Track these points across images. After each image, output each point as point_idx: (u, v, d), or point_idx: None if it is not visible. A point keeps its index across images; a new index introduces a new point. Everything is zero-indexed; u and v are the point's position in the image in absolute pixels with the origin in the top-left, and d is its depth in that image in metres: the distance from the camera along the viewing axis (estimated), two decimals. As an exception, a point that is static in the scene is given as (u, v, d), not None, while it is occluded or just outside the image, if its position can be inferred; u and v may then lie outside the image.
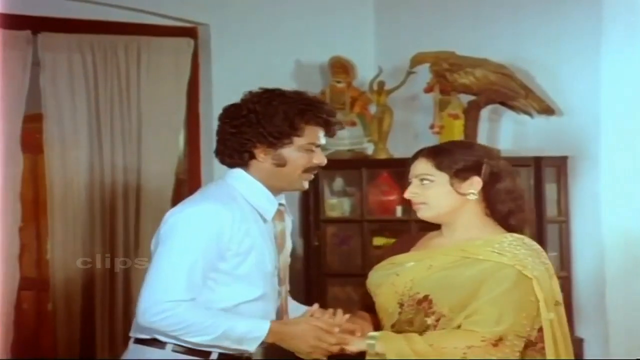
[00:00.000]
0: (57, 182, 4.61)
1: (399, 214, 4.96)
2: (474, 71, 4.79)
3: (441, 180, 2.88)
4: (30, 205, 4.96)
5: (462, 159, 2.88)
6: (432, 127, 4.90)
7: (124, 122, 4.76)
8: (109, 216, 4.73)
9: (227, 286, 2.93)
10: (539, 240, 2.99)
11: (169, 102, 4.87)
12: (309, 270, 5.01)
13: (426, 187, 2.90)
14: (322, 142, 3.00)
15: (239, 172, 3.00)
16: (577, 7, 4.76)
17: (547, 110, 4.82)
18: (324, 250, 5.03)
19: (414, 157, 2.94)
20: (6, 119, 4.40)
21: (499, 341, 2.76)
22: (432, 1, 5.26)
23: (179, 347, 2.91)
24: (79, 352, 4.66)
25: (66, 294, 4.63)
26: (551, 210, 4.76)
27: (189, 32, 4.98)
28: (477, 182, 2.88)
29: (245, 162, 2.98)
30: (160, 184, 4.78)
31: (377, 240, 4.99)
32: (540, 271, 2.82)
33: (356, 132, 5.19)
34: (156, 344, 2.93)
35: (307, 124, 2.95)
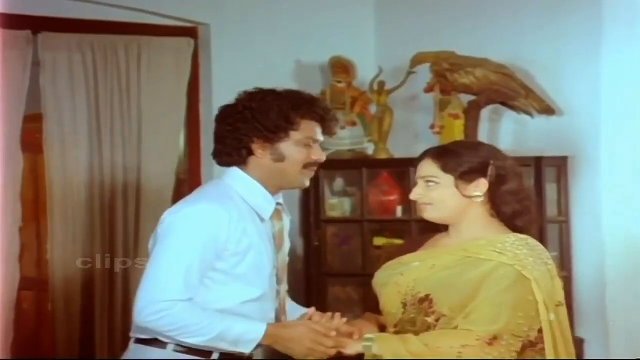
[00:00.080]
0: (57, 182, 4.61)
1: (399, 214, 4.97)
2: (474, 71, 4.79)
3: (446, 182, 2.88)
4: (30, 205, 4.95)
5: (468, 161, 2.87)
6: (432, 127, 4.90)
7: (124, 122, 4.76)
8: (108, 216, 4.72)
9: (225, 286, 2.93)
10: (540, 240, 2.97)
11: (169, 102, 4.87)
12: (310, 270, 5.01)
13: (431, 189, 2.90)
14: (319, 137, 3.01)
15: (236, 172, 3.00)
16: (578, 7, 4.76)
17: (548, 110, 4.82)
18: (325, 250, 5.03)
19: (420, 158, 2.94)
20: (6, 119, 4.40)
21: (494, 340, 2.75)
22: (432, 1, 5.26)
23: (180, 347, 2.91)
24: (79, 352, 4.65)
25: (66, 294, 4.62)
26: (551, 210, 4.75)
27: (190, 32, 4.98)
28: (483, 184, 2.87)
29: (243, 160, 2.98)
30: (160, 184, 4.78)
31: (377, 240, 5.00)
32: (541, 272, 2.81)
33: (356, 132, 5.19)
34: (157, 343, 2.92)
35: (303, 119, 2.96)
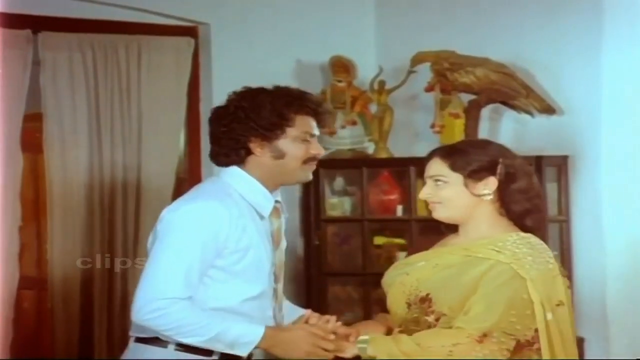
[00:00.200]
0: (57, 182, 4.60)
1: (399, 213, 4.97)
2: (474, 70, 4.79)
3: (455, 181, 2.87)
4: (30, 204, 4.95)
5: (476, 160, 2.86)
6: (432, 126, 4.90)
7: (124, 121, 4.75)
8: (108, 215, 4.72)
9: (225, 284, 2.92)
10: (540, 239, 2.96)
11: (170, 101, 4.87)
12: (310, 269, 5.01)
13: (440, 188, 2.89)
14: (315, 131, 3.01)
15: (234, 169, 2.99)
16: (578, 6, 4.76)
17: (548, 109, 4.82)
18: (325, 249, 5.03)
19: (428, 158, 2.93)
20: (6, 118, 4.39)
21: (483, 337, 2.74)
22: (432, 0, 5.26)
23: (181, 346, 2.90)
24: (78, 351, 4.65)
25: (65, 293, 4.62)
26: (552, 209, 4.75)
27: (190, 31, 4.97)
28: (492, 182, 2.86)
29: (242, 159, 2.98)
30: (160, 183, 4.78)
31: (377, 239, 5.00)
32: (540, 271, 2.79)
33: (357, 132, 5.19)
34: (158, 342, 2.92)
35: (297, 114, 2.96)
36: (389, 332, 2.97)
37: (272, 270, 3.03)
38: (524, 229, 2.89)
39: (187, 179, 4.94)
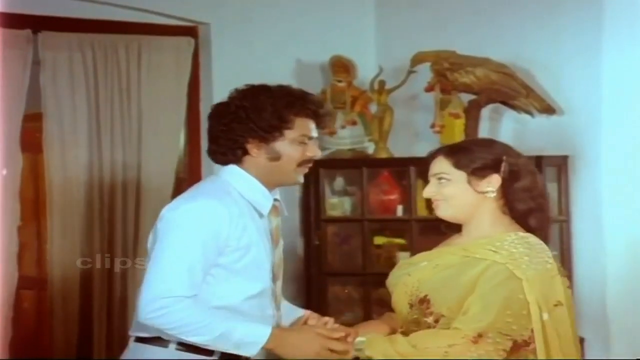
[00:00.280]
0: (57, 181, 4.60)
1: (399, 213, 4.96)
2: (474, 70, 4.79)
3: (458, 178, 2.87)
4: (30, 204, 4.95)
5: (480, 157, 2.86)
6: (432, 126, 4.90)
7: (124, 121, 4.75)
8: (108, 215, 4.72)
9: (226, 282, 2.91)
10: (544, 238, 2.94)
11: (170, 101, 4.86)
12: (310, 269, 5.00)
13: (443, 186, 2.89)
14: (313, 134, 3.01)
15: (233, 168, 2.99)
16: (578, 6, 4.76)
17: (548, 109, 4.82)
18: (325, 249, 5.02)
19: (433, 156, 2.93)
20: (6, 118, 4.39)
21: (479, 338, 2.73)
22: (432, 0, 5.26)
23: (182, 346, 2.89)
24: (77, 351, 4.65)
25: (65, 293, 4.62)
26: (552, 209, 4.74)
27: (190, 31, 4.97)
28: (495, 180, 2.86)
29: (239, 159, 2.98)
30: (160, 182, 4.77)
31: (377, 239, 5.00)
32: (537, 271, 2.78)
33: (357, 132, 5.19)
34: (159, 342, 2.91)
35: (297, 116, 2.95)
36: (394, 332, 2.96)
37: (271, 268, 3.02)
38: (527, 228, 2.88)
39: (187, 179, 4.94)
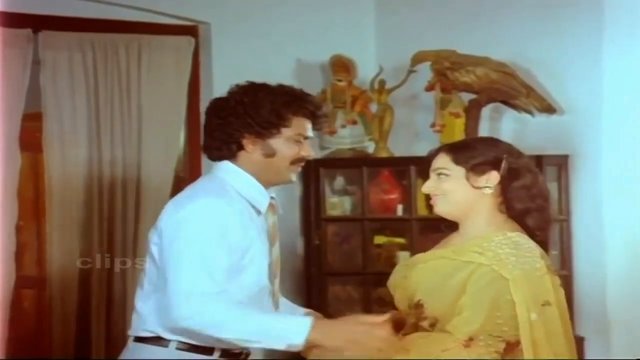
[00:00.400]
0: (57, 181, 4.60)
1: (399, 212, 4.96)
2: (475, 70, 4.79)
3: (457, 174, 2.86)
4: (31, 204, 4.95)
5: (481, 154, 2.85)
6: (433, 125, 4.90)
7: (124, 120, 4.75)
8: (108, 215, 4.71)
9: (229, 280, 2.88)
10: (544, 239, 2.92)
11: (170, 100, 4.86)
12: (310, 269, 5.00)
13: (442, 181, 2.88)
14: (309, 134, 3.00)
15: (228, 165, 2.97)
16: (579, 5, 4.76)
17: (549, 108, 4.82)
18: (325, 249, 5.02)
19: (435, 153, 2.93)
20: (6, 117, 4.39)
21: (470, 341, 2.71)
22: (432, 0, 5.26)
23: (183, 345, 2.88)
24: (75, 352, 4.64)
25: (64, 292, 4.61)
26: (553, 208, 4.74)
27: (190, 30, 4.97)
28: (494, 176, 2.85)
29: (233, 154, 2.96)
30: (160, 182, 4.77)
31: (378, 239, 5.00)
32: (523, 270, 2.75)
33: (357, 131, 5.19)
34: (160, 341, 2.89)
35: (295, 115, 2.94)
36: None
37: (269, 266, 3.01)
38: (525, 227, 2.86)
39: (186, 178, 4.94)
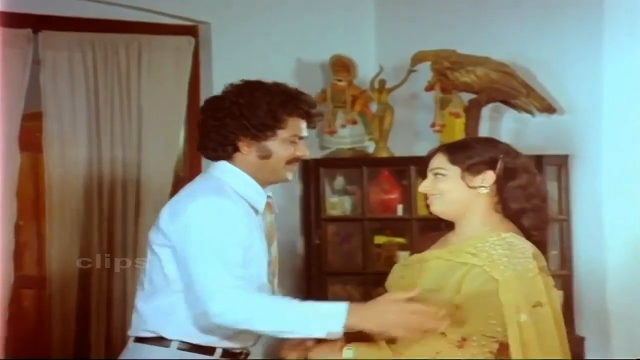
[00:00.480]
0: (57, 180, 4.60)
1: (400, 212, 4.96)
2: (475, 69, 4.79)
3: (453, 173, 2.86)
4: (31, 203, 4.95)
5: (477, 154, 2.86)
6: (433, 125, 4.90)
7: (124, 120, 4.75)
8: (107, 214, 4.71)
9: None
10: (541, 239, 2.92)
11: (170, 100, 4.86)
12: (310, 268, 5.00)
13: (439, 181, 2.88)
14: (304, 134, 3.00)
15: (225, 165, 2.97)
16: (579, 5, 4.76)
17: (549, 108, 4.82)
18: (325, 248, 5.02)
19: (433, 153, 2.93)
20: (5, 117, 4.39)
21: (463, 342, 2.72)
22: (433, 0, 5.26)
23: (184, 345, 2.89)
24: (74, 352, 4.64)
25: (63, 292, 4.61)
26: (552, 209, 4.74)
27: (190, 30, 4.97)
28: (489, 176, 2.85)
29: (229, 155, 2.96)
30: (160, 182, 4.77)
31: (378, 238, 5.00)
32: (515, 271, 2.74)
33: (357, 131, 5.19)
34: (161, 342, 2.90)
35: (290, 116, 2.95)
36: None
37: (268, 265, 3.01)
38: (522, 227, 2.86)
39: (186, 178, 4.93)
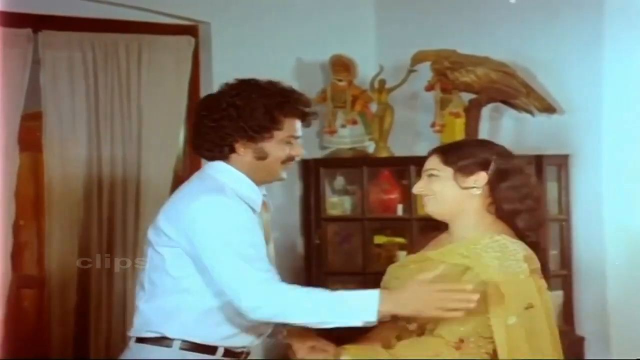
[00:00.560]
0: (56, 180, 4.60)
1: (400, 212, 4.96)
2: (475, 69, 4.79)
3: (446, 174, 2.87)
4: (30, 203, 4.94)
5: (470, 155, 2.86)
6: (433, 125, 4.90)
7: (124, 120, 4.75)
8: (107, 214, 4.71)
9: None
10: (536, 240, 2.91)
11: (170, 100, 4.85)
12: (310, 268, 5.00)
13: (432, 181, 2.89)
14: (299, 134, 2.99)
15: (221, 165, 2.97)
16: (579, 5, 4.76)
17: (549, 108, 4.82)
18: (325, 248, 5.02)
19: (428, 155, 2.94)
20: (5, 116, 4.39)
21: (460, 343, 2.72)
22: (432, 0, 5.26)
23: (186, 344, 2.88)
24: (74, 352, 4.64)
25: (62, 292, 4.61)
26: (552, 208, 4.75)
27: (190, 30, 4.97)
28: (482, 177, 2.85)
29: (225, 156, 2.96)
30: (160, 182, 4.77)
31: (378, 238, 5.00)
32: (506, 274, 2.74)
33: (357, 131, 5.19)
34: (163, 342, 2.89)
35: (286, 117, 2.94)
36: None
37: None
38: (515, 228, 2.85)
39: (186, 178, 4.92)
